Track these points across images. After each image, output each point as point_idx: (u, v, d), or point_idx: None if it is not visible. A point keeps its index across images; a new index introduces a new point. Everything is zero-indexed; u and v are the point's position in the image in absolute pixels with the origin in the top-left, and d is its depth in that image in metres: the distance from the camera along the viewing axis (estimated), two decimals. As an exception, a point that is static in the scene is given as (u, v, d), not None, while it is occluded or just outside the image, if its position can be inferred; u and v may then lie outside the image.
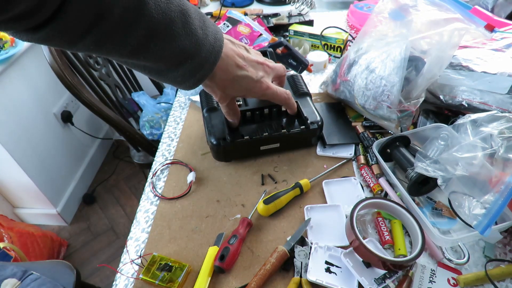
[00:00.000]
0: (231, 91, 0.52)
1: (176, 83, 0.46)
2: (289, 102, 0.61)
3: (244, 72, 0.50)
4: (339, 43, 0.97)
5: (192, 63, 0.43)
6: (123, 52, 0.38)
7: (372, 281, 0.47)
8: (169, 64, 0.42)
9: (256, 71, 0.52)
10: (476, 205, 0.47)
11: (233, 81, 0.50)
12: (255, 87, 0.52)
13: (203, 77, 0.46)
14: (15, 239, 1.30)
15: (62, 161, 1.67)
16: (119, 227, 1.70)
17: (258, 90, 0.53)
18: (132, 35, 0.36)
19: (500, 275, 0.48)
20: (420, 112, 0.72)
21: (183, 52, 0.41)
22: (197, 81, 0.46)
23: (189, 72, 0.44)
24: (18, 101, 1.39)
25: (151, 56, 0.40)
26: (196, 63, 0.43)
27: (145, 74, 0.46)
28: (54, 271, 0.88)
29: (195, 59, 0.43)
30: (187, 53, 0.41)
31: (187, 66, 0.43)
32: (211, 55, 0.44)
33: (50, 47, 0.98)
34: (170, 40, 0.39)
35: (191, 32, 0.40)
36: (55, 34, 0.33)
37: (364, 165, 0.65)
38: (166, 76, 0.45)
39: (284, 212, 0.59)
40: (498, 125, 0.49)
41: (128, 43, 0.37)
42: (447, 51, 0.61)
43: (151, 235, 0.57)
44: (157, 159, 0.72)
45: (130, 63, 0.43)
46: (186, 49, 0.41)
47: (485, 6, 0.89)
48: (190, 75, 0.44)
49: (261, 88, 0.53)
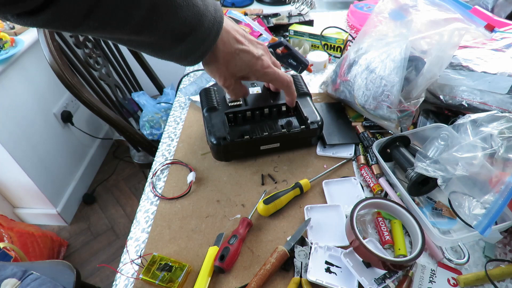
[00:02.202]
0: (233, 68, 0.51)
1: (180, 58, 0.46)
2: (290, 87, 0.60)
3: (244, 47, 0.50)
4: (339, 43, 0.97)
5: (196, 35, 0.43)
6: (127, 29, 0.38)
7: (372, 281, 0.47)
8: (173, 38, 0.42)
9: (257, 49, 0.52)
10: (476, 205, 0.47)
11: (234, 55, 0.49)
12: (256, 64, 0.52)
13: (207, 49, 0.45)
14: (15, 239, 1.30)
15: (62, 161, 1.67)
16: (119, 227, 1.70)
17: (260, 67, 0.52)
18: (135, 10, 0.36)
19: (500, 275, 0.48)
20: (420, 112, 0.72)
21: (186, 24, 0.41)
22: (201, 54, 0.45)
23: (193, 45, 0.44)
24: (18, 101, 1.39)
25: (155, 31, 0.40)
26: (199, 35, 0.43)
27: (149, 53, 0.45)
28: (54, 271, 0.88)
29: (198, 31, 0.42)
30: (190, 25, 0.41)
31: (190, 38, 0.43)
32: (213, 26, 0.44)
33: (50, 47, 0.98)
34: (172, 13, 0.39)
35: (192, 3, 0.40)
36: (57, 16, 0.32)
37: (364, 165, 0.65)
38: (170, 52, 0.45)
39: (284, 212, 0.59)
40: (498, 125, 0.49)
41: (132, 19, 0.37)
42: (447, 51, 0.61)
43: (151, 235, 0.57)
44: (157, 159, 0.72)
45: (134, 42, 0.43)
46: (188, 20, 0.41)
47: (485, 6, 0.89)
48: (194, 48, 0.44)
49: (262, 65, 0.52)
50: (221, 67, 0.50)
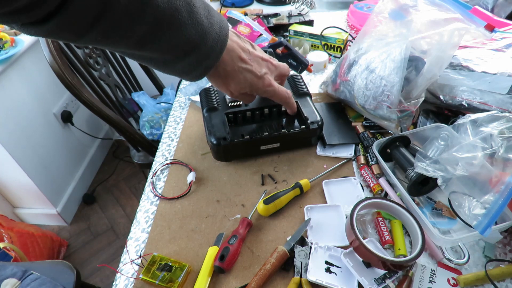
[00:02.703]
0: (235, 85, 0.52)
1: (183, 73, 0.46)
2: (289, 101, 0.61)
3: (247, 66, 0.50)
4: (339, 43, 0.97)
5: (199, 53, 0.43)
6: (130, 43, 0.38)
7: (372, 281, 0.47)
8: (175, 54, 0.42)
9: (260, 67, 0.53)
10: (476, 205, 0.47)
11: (238, 73, 0.50)
12: (257, 83, 0.53)
13: (209, 67, 0.46)
14: (15, 239, 1.30)
15: (62, 161, 1.67)
16: (119, 227, 1.70)
17: (261, 86, 0.53)
18: (139, 25, 0.36)
19: (500, 275, 0.48)
20: (420, 112, 0.72)
21: (189, 41, 0.41)
22: (203, 71, 0.46)
23: (195, 62, 0.44)
24: (18, 101, 1.39)
25: (157, 47, 0.40)
26: (202, 53, 0.43)
27: (151, 66, 0.46)
28: (54, 271, 0.88)
29: (201, 49, 0.43)
30: (193, 43, 0.41)
31: (193, 56, 0.43)
32: (217, 44, 0.44)
33: (50, 47, 0.98)
34: (176, 30, 0.39)
35: (197, 21, 0.40)
36: (62, 27, 0.33)
37: (364, 165, 0.65)
38: (173, 67, 0.45)
39: (284, 212, 0.59)
40: (498, 125, 0.49)
41: (135, 33, 0.37)
42: (447, 51, 0.61)
43: (151, 235, 0.57)
44: (157, 159, 0.72)
45: (137, 56, 0.43)
46: (192, 38, 0.41)
47: (485, 6, 0.89)
48: (197, 65, 0.45)
49: (263, 84, 0.53)
50: (224, 82, 0.51)
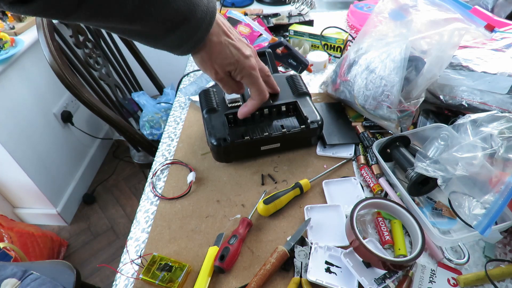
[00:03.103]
0: (222, 60, 0.51)
1: (174, 48, 0.46)
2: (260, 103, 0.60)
3: (233, 42, 0.51)
4: (339, 43, 0.97)
5: (189, 25, 0.43)
6: (121, 18, 0.38)
7: (372, 281, 0.47)
8: (166, 27, 0.42)
9: (245, 48, 0.53)
10: (476, 205, 0.47)
11: (224, 46, 0.49)
12: (244, 62, 0.52)
13: (200, 39, 0.46)
14: (15, 239, 1.30)
15: (62, 161, 1.67)
16: (119, 227, 1.70)
17: (247, 66, 0.53)
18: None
19: (500, 275, 0.48)
20: (420, 112, 0.72)
21: (179, 13, 0.41)
22: (194, 43, 0.46)
23: (186, 35, 0.44)
24: (18, 101, 1.39)
25: (148, 20, 0.40)
26: (192, 25, 0.43)
27: (143, 42, 0.46)
28: (54, 271, 0.88)
29: (191, 21, 0.43)
30: (183, 14, 0.42)
31: (183, 28, 0.43)
32: (206, 16, 0.44)
33: (50, 47, 0.98)
34: (165, 1, 0.39)
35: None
36: (49, 5, 0.32)
37: (364, 165, 0.65)
38: (163, 41, 0.45)
39: (284, 212, 0.59)
40: (498, 125, 0.49)
41: (125, 7, 0.37)
42: (447, 51, 0.61)
43: (151, 235, 0.57)
44: (157, 159, 0.72)
45: (128, 31, 0.43)
46: (181, 10, 0.41)
47: (485, 6, 0.89)
48: (188, 38, 0.45)
49: (249, 65, 0.53)
50: (210, 58, 0.50)
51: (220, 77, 0.54)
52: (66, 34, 1.12)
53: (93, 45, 1.28)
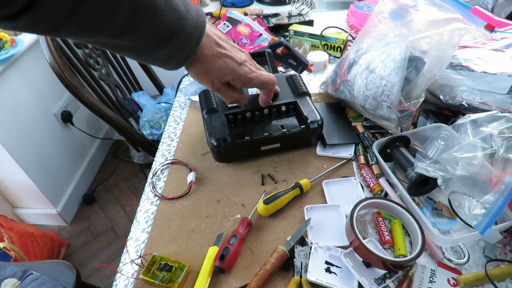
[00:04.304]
0: (216, 72, 0.50)
1: (164, 62, 0.46)
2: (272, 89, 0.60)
3: (226, 52, 0.50)
4: (339, 43, 0.97)
5: (178, 39, 0.43)
6: (109, 33, 0.38)
7: (372, 281, 0.47)
8: (155, 42, 0.42)
9: (239, 55, 0.52)
10: (476, 205, 0.47)
11: (217, 58, 0.49)
12: (239, 70, 0.51)
13: (189, 53, 0.46)
14: (15, 239, 1.30)
15: (62, 161, 1.67)
16: (119, 227, 1.70)
17: (243, 72, 0.52)
18: (116, 12, 0.36)
19: (500, 275, 0.48)
20: (420, 112, 0.72)
21: (168, 28, 0.41)
22: (184, 58, 0.46)
23: (175, 49, 0.44)
24: (18, 101, 1.39)
25: (136, 34, 0.40)
26: (182, 39, 0.43)
27: (133, 57, 0.45)
28: (54, 271, 0.88)
29: (180, 35, 0.43)
30: (172, 29, 0.41)
31: (173, 42, 0.43)
32: (195, 30, 0.44)
33: (50, 47, 0.98)
34: (154, 16, 0.39)
35: (174, 8, 0.41)
36: (37, 21, 0.32)
37: (364, 165, 0.65)
38: (153, 56, 0.44)
39: (284, 212, 0.59)
40: (498, 125, 0.49)
41: (113, 22, 0.37)
42: (447, 51, 0.61)
43: (151, 235, 0.57)
44: (157, 159, 0.72)
45: (117, 46, 0.43)
46: (170, 24, 0.41)
47: (485, 6, 0.89)
48: (177, 52, 0.44)
49: (245, 71, 0.52)
50: (205, 71, 0.50)
51: (218, 87, 0.53)
52: (66, 34, 1.12)
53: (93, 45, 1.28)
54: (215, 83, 0.52)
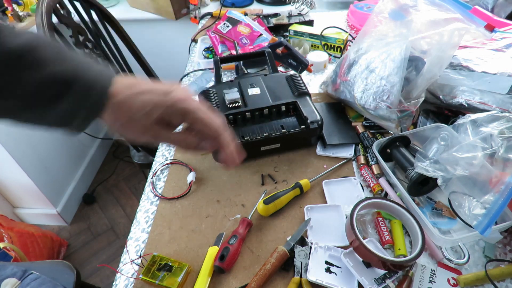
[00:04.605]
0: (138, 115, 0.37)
1: (64, 123, 0.36)
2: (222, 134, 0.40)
3: (145, 87, 0.38)
4: (339, 43, 0.97)
5: (78, 88, 0.34)
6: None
7: (372, 281, 0.47)
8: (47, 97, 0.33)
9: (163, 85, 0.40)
10: (476, 205, 0.47)
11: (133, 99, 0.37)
12: (165, 100, 0.38)
13: (98, 103, 0.35)
14: (15, 239, 1.30)
15: (62, 161, 1.67)
16: (119, 227, 1.70)
17: (173, 102, 0.38)
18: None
19: (500, 275, 0.48)
20: (420, 112, 0.72)
21: (59, 77, 0.33)
22: (91, 111, 0.35)
23: (77, 102, 0.34)
24: (18, 101, 1.39)
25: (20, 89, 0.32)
26: (82, 87, 0.34)
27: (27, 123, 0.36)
28: (54, 271, 0.88)
29: (79, 82, 0.34)
30: (65, 77, 0.33)
31: (71, 94, 0.34)
32: (101, 76, 0.35)
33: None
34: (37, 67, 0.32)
35: (68, 57, 0.34)
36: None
37: (364, 165, 0.65)
38: (49, 118, 0.35)
39: (284, 212, 0.59)
40: (498, 125, 0.49)
41: None
42: (447, 51, 0.61)
43: (151, 235, 0.57)
44: (157, 159, 0.72)
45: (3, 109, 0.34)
46: (60, 74, 0.33)
47: (485, 6, 0.89)
48: (78, 108, 0.34)
49: (177, 99, 0.38)
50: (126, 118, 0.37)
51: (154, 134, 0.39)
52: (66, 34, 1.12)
53: (93, 45, 1.28)
54: (147, 130, 0.39)
